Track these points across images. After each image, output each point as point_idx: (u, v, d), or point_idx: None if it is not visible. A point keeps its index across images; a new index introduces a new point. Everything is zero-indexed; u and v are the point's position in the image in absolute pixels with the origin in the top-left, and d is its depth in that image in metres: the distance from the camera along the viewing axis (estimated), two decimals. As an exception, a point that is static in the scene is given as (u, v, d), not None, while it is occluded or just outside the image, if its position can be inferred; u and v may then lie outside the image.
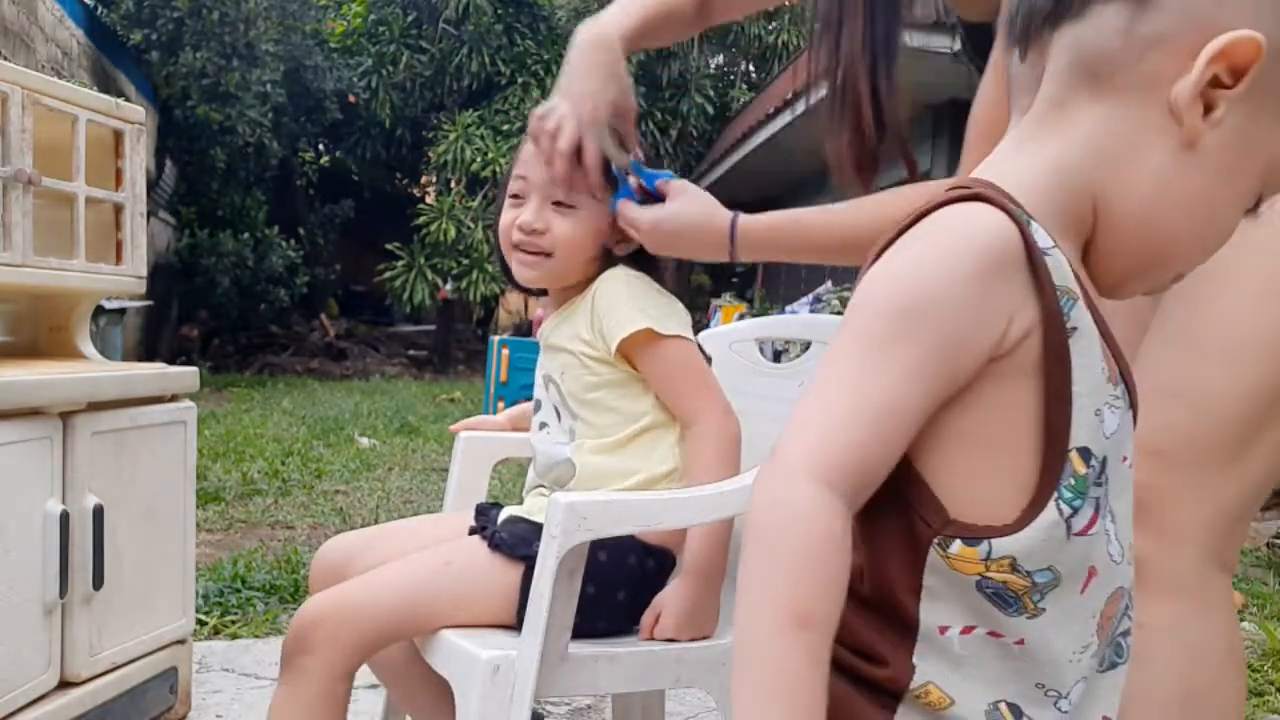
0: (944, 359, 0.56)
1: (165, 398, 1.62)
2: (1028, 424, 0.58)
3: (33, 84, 1.49)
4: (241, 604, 2.43)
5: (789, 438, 0.57)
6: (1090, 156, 0.61)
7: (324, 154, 13.07)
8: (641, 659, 1.11)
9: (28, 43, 6.23)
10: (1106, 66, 0.59)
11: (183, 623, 1.66)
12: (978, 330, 0.56)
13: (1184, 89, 0.57)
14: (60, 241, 1.57)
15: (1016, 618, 0.58)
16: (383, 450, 5.17)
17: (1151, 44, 0.58)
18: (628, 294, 1.19)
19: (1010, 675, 0.59)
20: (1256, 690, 2.14)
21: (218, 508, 3.57)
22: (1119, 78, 0.59)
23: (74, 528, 1.38)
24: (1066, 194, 0.61)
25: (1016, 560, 0.57)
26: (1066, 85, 0.61)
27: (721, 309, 9.99)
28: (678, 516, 1.08)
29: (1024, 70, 0.64)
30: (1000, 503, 0.58)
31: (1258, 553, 3.59)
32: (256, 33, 9.17)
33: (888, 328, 0.56)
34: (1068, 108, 0.61)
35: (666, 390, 1.19)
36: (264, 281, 10.08)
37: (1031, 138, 0.62)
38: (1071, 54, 0.60)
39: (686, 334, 1.19)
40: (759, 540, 0.55)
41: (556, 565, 1.00)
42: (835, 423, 0.56)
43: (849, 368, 0.57)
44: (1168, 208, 0.60)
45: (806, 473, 0.54)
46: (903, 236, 0.60)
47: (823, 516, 0.54)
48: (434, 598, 1.12)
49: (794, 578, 0.53)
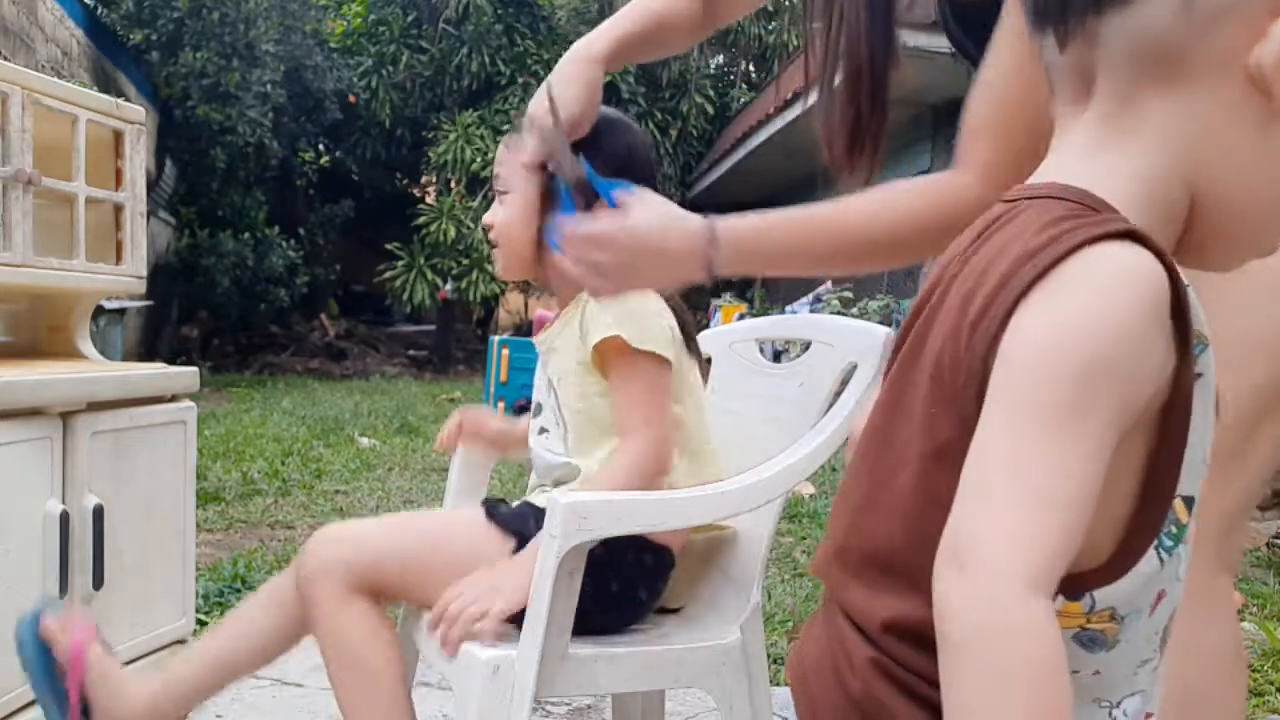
0: (1123, 422, 0.51)
1: (165, 398, 1.62)
2: (1134, 470, 0.54)
3: (33, 84, 1.49)
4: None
5: (989, 540, 0.49)
6: (1175, 154, 0.57)
7: (324, 154, 13.06)
8: (641, 659, 1.11)
9: (28, 43, 6.23)
10: (1173, 53, 0.55)
11: (183, 623, 1.66)
12: (1147, 386, 0.52)
13: (1268, 55, 0.53)
14: (60, 241, 1.57)
15: (1098, 654, 0.57)
16: (383, 450, 5.17)
17: (1216, 19, 0.54)
18: (616, 301, 1.17)
19: (1076, 696, 0.57)
20: (1256, 690, 2.14)
21: (218, 508, 3.57)
22: (1188, 61, 0.55)
23: (74, 528, 1.38)
24: (1162, 201, 0.58)
25: (1116, 610, 0.55)
26: (1130, 79, 0.57)
27: (721, 309, 9.99)
28: (677, 517, 1.08)
29: (1065, 60, 0.60)
30: (1094, 550, 0.54)
31: (1258, 553, 3.59)
32: (256, 33, 9.17)
33: (1074, 398, 0.50)
34: (1137, 103, 0.57)
35: (618, 400, 1.19)
36: (264, 281, 10.08)
37: (1106, 142, 0.58)
38: (1129, 45, 0.56)
39: (662, 351, 1.18)
40: (988, 670, 0.48)
41: (556, 565, 1.00)
42: (1049, 519, 0.49)
43: (1039, 446, 0.50)
44: (1266, 183, 0.57)
45: (1028, 585, 0.48)
46: (1045, 281, 0.53)
47: (1051, 632, 0.48)
48: (431, 550, 1.16)
49: (1044, 709, 0.47)
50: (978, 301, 0.55)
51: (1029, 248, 0.54)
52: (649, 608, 1.21)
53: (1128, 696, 0.61)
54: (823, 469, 3.39)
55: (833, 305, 7.43)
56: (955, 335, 0.56)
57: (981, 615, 0.48)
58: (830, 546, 0.67)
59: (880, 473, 0.62)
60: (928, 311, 0.61)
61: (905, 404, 0.61)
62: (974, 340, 0.54)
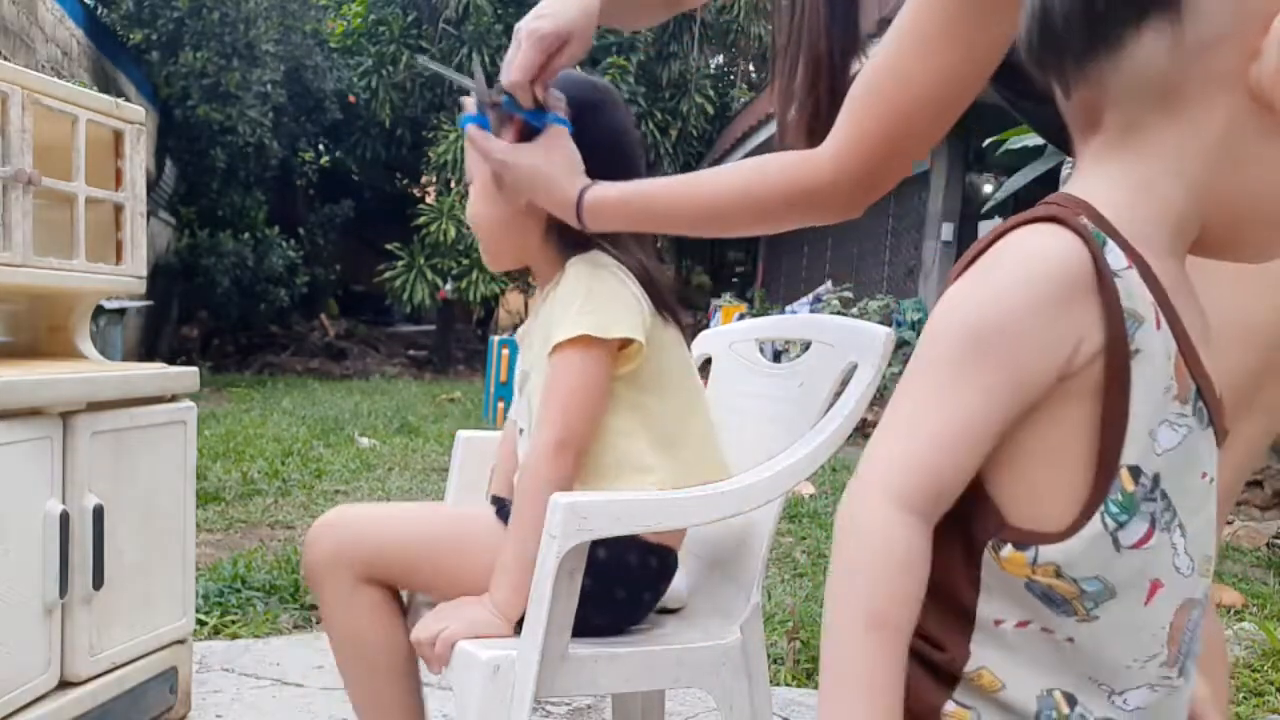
0: (1015, 383, 0.59)
1: (165, 398, 1.62)
2: (1086, 441, 0.60)
3: (33, 84, 1.49)
4: (241, 604, 2.43)
5: (870, 462, 0.62)
6: (1178, 164, 0.61)
7: (324, 154, 13.06)
8: (641, 659, 1.11)
9: (28, 43, 6.23)
10: (1170, 85, 0.60)
11: (183, 623, 1.66)
12: (1047, 355, 0.58)
13: (1266, 72, 0.57)
14: (60, 241, 1.57)
15: (1066, 618, 0.62)
16: (383, 450, 5.17)
17: (1209, 46, 0.58)
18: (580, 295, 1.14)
19: (1063, 666, 0.62)
20: (1257, 690, 2.14)
21: (218, 508, 3.57)
22: (1186, 89, 0.59)
23: (74, 528, 1.38)
24: (1162, 203, 0.62)
25: (1060, 567, 0.60)
26: (1134, 110, 0.61)
27: (721, 309, 10.00)
28: (678, 517, 1.08)
29: (1072, 103, 0.65)
30: (1056, 514, 0.61)
31: (1258, 553, 3.59)
32: (257, 33, 9.16)
33: (961, 355, 0.59)
34: (1143, 129, 0.62)
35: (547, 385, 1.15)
36: (264, 281, 10.07)
37: (1108, 158, 0.63)
38: (1127, 83, 0.61)
39: (632, 334, 1.14)
40: (843, 558, 0.61)
41: (557, 565, 1.00)
42: (913, 449, 0.60)
43: (925, 393, 0.61)
44: (1276, 187, 0.61)
45: (885, 497, 0.60)
46: (980, 259, 0.62)
47: (900, 539, 0.59)
48: (435, 537, 1.17)
49: (874, 594, 0.59)
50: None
51: (981, 240, 0.63)
52: (649, 608, 1.21)
53: (1133, 689, 0.63)
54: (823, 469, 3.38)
55: (833, 305, 7.43)
56: None
57: (850, 516, 0.61)
58: None
59: None
60: None
61: None
62: None
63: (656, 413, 1.19)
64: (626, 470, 1.16)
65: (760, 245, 13.15)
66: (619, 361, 1.16)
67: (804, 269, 11.06)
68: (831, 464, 4.40)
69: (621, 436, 1.17)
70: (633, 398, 1.17)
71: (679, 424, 1.21)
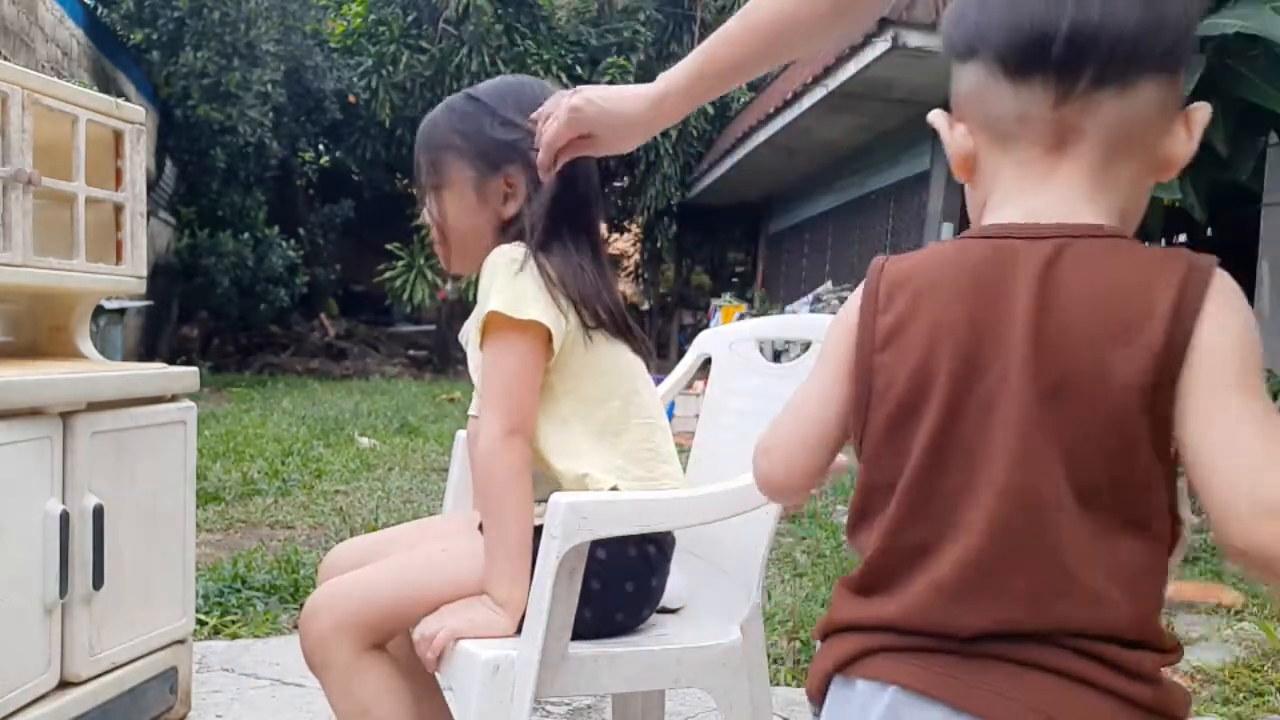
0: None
1: (165, 398, 1.62)
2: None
3: (33, 84, 1.48)
4: (241, 604, 2.43)
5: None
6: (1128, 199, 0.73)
7: (324, 154, 13.06)
8: (641, 659, 1.11)
9: (28, 43, 6.23)
10: (1146, 133, 0.70)
11: (183, 623, 1.66)
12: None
13: (1184, 150, 0.70)
14: (60, 241, 1.57)
15: None
16: (383, 450, 5.17)
17: (1170, 113, 0.70)
18: (491, 283, 1.15)
19: None
20: (1257, 690, 2.14)
21: (218, 508, 3.57)
22: (1147, 141, 0.70)
23: (74, 528, 1.38)
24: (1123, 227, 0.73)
25: None
26: (1113, 150, 0.70)
27: (721, 309, 10.00)
28: (678, 517, 1.08)
29: (1052, 113, 0.69)
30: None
31: (1258, 553, 3.59)
32: (257, 33, 9.17)
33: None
34: (1117, 167, 0.71)
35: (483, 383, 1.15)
36: (264, 281, 10.08)
37: (1097, 193, 0.71)
38: (1121, 126, 0.69)
39: (540, 318, 1.13)
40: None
41: (557, 565, 1.00)
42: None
43: (1264, 411, 0.63)
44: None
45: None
46: (1212, 297, 0.66)
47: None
48: (429, 579, 1.15)
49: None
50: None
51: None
52: (659, 594, 1.21)
53: None
54: (823, 469, 3.39)
55: (833, 305, 7.43)
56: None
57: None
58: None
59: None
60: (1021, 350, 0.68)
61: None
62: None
63: (594, 404, 1.19)
64: (564, 455, 1.17)
65: (760, 245, 13.15)
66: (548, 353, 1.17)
67: (804, 269, 11.06)
68: (831, 464, 4.39)
69: (558, 422, 1.18)
70: (567, 386, 1.18)
71: (619, 420, 1.21)
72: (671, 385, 1.54)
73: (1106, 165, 0.70)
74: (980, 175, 0.75)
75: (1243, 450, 0.62)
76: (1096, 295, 0.66)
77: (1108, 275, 0.66)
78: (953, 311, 0.69)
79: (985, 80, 0.71)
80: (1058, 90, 0.68)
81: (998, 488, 0.67)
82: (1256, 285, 5.62)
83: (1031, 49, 0.68)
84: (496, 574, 1.09)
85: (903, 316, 0.72)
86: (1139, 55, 0.67)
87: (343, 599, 1.12)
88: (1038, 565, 0.66)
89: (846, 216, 9.72)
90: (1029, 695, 0.65)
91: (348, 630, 1.10)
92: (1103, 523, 0.66)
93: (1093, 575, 0.65)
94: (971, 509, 0.68)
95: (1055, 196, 0.70)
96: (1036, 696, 0.65)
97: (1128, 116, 0.68)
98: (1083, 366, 0.65)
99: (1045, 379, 0.66)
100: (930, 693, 0.67)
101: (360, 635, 1.11)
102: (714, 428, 1.48)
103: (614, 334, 1.22)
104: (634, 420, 1.22)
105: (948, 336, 0.69)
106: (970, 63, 0.73)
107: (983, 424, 0.68)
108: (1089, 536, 0.66)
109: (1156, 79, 0.68)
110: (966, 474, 0.68)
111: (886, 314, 0.73)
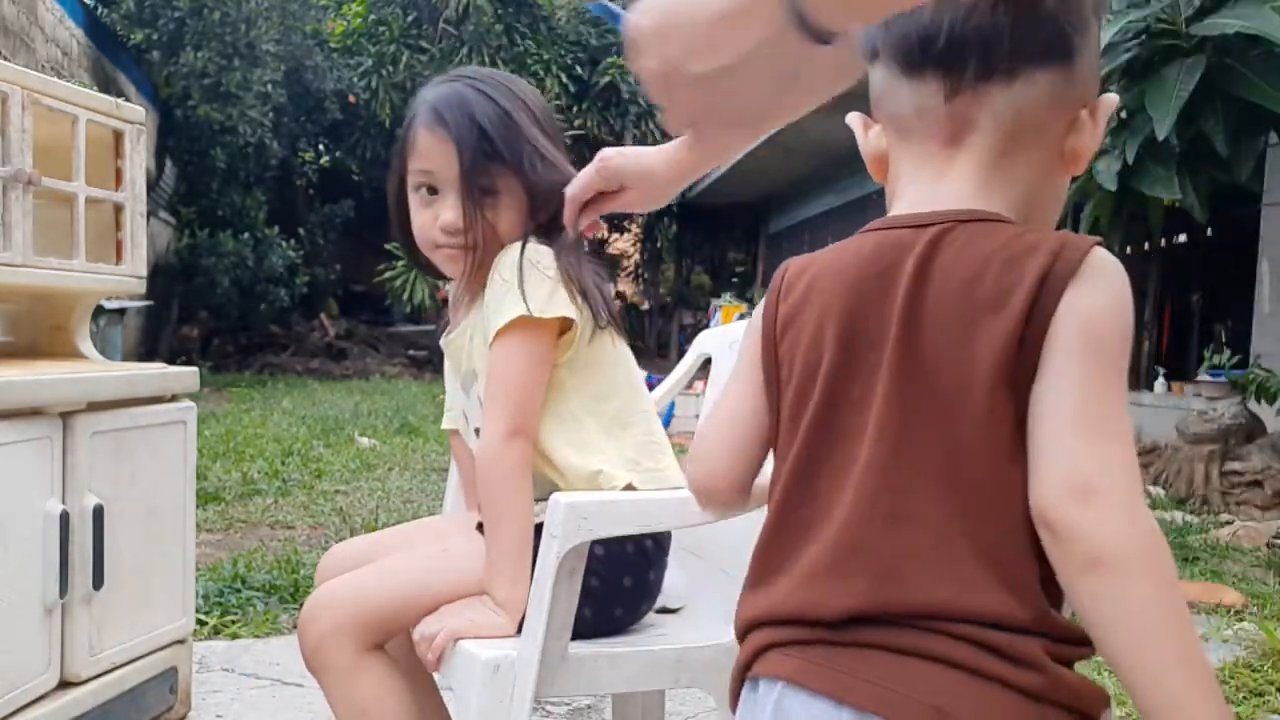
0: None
1: (165, 398, 1.62)
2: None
3: (33, 84, 1.49)
4: (241, 604, 2.43)
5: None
6: (1027, 192, 0.73)
7: (324, 154, 13.06)
8: (641, 659, 1.11)
9: (28, 43, 6.23)
10: (1044, 122, 0.71)
11: (183, 623, 1.66)
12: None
13: (1090, 142, 0.72)
14: (60, 241, 1.57)
15: None
16: (383, 450, 5.17)
17: (1069, 106, 0.71)
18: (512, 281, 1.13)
19: None
20: (1257, 690, 2.14)
21: (218, 508, 3.57)
22: (1047, 130, 0.72)
23: (74, 528, 1.38)
24: (1018, 219, 0.73)
25: None
26: (1009, 139, 0.71)
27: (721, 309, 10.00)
28: (678, 517, 1.08)
29: (945, 107, 0.72)
30: None
31: (1258, 553, 3.59)
32: (257, 33, 9.17)
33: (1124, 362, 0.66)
34: (1010, 157, 0.72)
35: (491, 370, 1.14)
36: (264, 281, 10.08)
37: (991, 185, 0.72)
38: (1013, 115, 0.71)
39: (566, 313, 1.13)
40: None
41: (557, 565, 1.00)
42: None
43: (1110, 392, 0.64)
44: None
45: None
46: (1086, 270, 0.66)
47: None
48: (428, 580, 1.14)
49: None
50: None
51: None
52: (658, 587, 1.21)
53: None
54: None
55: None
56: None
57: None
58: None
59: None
60: (900, 325, 0.68)
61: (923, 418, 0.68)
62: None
63: (602, 399, 1.20)
64: (577, 451, 1.17)
65: (760, 245, 13.15)
66: (559, 348, 1.17)
67: (804, 269, 11.05)
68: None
69: (568, 419, 1.18)
70: (576, 382, 1.19)
71: (626, 412, 1.22)
72: (671, 385, 1.54)
73: (1002, 156, 0.71)
74: (890, 173, 0.78)
75: (1063, 418, 0.63)
76: (968, 271, 0.67)
77: (982, 252, 0.67)
78: (837, 301, 0.71)
79: (887, 79, 0.75)
80: (947, 83, 0.71)
81: (862, 464, 0.67)
82: (1257, 285, 5.62)
83: (920, 45, 0.71)
84: (496, 574, 1.10)
85: (797, 305, 0.74)
86: (1019, 47, 0.69)
87: (342, 600, 1.12)
88: (901, 542, 0.65)
89: (846, 216, 9.72)
90: (914, 686, 0.63)
91: (346, 631, 1.10)
92: (970, 500, 0.65)
93: (959, 554, 0.64)
94: (844, 489, 0.68)
95: (948, 189, 0.72)
96: (922, 686, 0.63)
97: (1019, 106, 0.70)
98: (950, 339, 0.66)
99: (916, 355, 0.67)
100: (810, 685, 0.66)
101: (359, 636, 1.10)
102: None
103: (615, 329, 1.23)
104: (638, 412, 1.23)
105: (831, 324, 0.71)
106: (875, 64, 0.76)
107: (860, 406, 0.69)
108: (955, 514, 0.65)
109: (1045, 69, 0.69)
110: (843, 456, 0.69)
111: (785, 304, 0.76)
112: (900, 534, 0.65)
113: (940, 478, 0.65)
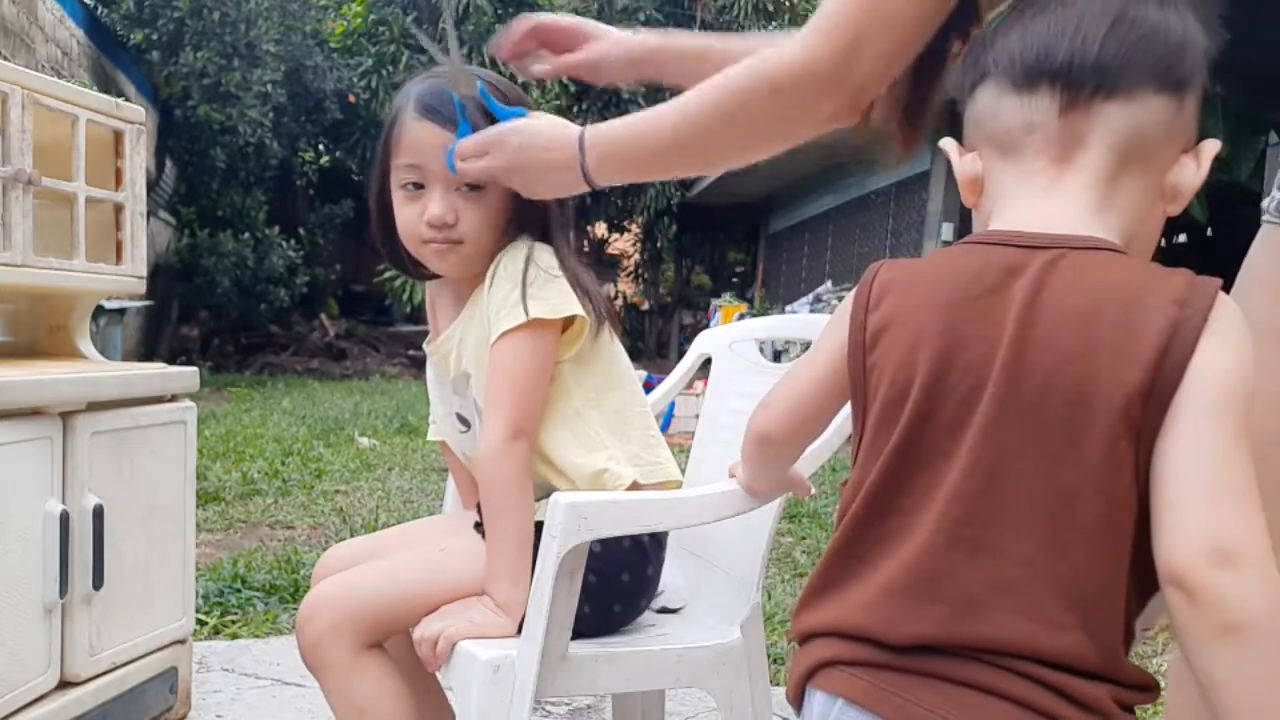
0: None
1: (165, 398, 1.62)
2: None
3: (33, 84, 1.49)
4: (241, 604, 2.43)
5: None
6: (1134, 218, 0.73)
7: (324, 154, 13.05)
8: (641, 659, 1.11)
9: (28, 43, 6.23)
10: (1152, 150, 0.71)
11: (183, 623, 1.66)
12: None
13: (1194, 180, 0.71)
14: (60, 241, 1.57)
15: None
16: (383, 450, 5.17)
17: (1176, 138, 0.71)
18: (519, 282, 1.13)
19: None
20: (1256, 690, 2.14)
21: (218, 508, 3.57)
22: (1154, 161, 0.71)
23: (74, 528, 1.38)
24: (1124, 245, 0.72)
25: None
26: (1119, 163, 0.71)
27: (721, 309, 10.00)
28: (678, 517, 1.08)
29: (1057, 122, 0.71)
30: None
31: (1258, 553, 3.59)
32: (257, 33, 9.16)
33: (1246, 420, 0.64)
34: (1122, 182, 0.71)
35: (494, 369, 1.14)
36: (264, 281, 10.07)
37: (1104, 208, 0.72)
38: (1125, 136, 0.70)
39: (576, 311, 1.14)
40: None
41: (557, 566, 1.00)
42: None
43: (1243, 454, 0.62)
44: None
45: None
46: (1216, 319, 0.64)
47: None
48: (427, 580, 1.14)
49: None
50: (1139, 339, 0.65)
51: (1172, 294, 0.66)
52: (655, 583, 1.21)
53: None
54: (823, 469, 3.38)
55: (832, 305, 7.43)
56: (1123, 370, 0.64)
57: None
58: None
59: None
60: (1006, 358, 0.67)
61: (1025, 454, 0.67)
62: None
63: (605, 391, 1.21)
64: (582, 448, 1.17)
65: (760, 245, 13.15)
66: (564, 345, 1.17)
67: (804, 269, 11.06)
68: (831, 464, 4.40)
69: (572, 417, 1.18)
70: (579, 377, 1.19)
71: (628, 407, 1.22)
72: (671, 385, 1.54)
73: (1112, 179, 0.71)
74: (986, 195, 0.77)
75: (1201, 480, 0.61)
76: (1084, 305, 0.65)
77: (1101, 288, 0.66)
78: (934, 318, 0.70)
79: (995, 97, 0.74)
80: (1063, 97, 0.70)
81: (949, 489, 0.66)
82: (1256, 285, 5.60)
83: (1037, 61, 0.71)
84: (496, 574, 1.10)
85: (889, 317, 0.73)
86: (1137, 66, 0.69)
87: (340, 599, 1.12)
88: (983, 574, 0.65)
89: (847, 216, 9.72)
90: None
91: (345, 630, 1.10)
92: (1069, 541, 0.64)
93: (1043, 593, 0.64)
94: (928, 511, 0.67)
95: (1058, 206, 0.71)
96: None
97: (1132, 127, 0.70)
98: (1064, 378, 0.65)
99: (1022, 387, 0.65)
100: (872, 707, 0.66)
101: (358, 635, 1.10)
102: (714, 428, 1.48)
103: (611, 324, 1.23)
104: (637, 407, 1.24)
105: (925, 343, 0.69)
106: (981, 86, 0.75)
107: (953, 429, 0.68)
108: (1045, 551, 0.64)
109: (1160, 94, 0.69)
110: (931, 477, 0.68)
111: (875, 313, 0.74)
112: (983, 566, 0.65)
113: (1037, 515, 0.65)
